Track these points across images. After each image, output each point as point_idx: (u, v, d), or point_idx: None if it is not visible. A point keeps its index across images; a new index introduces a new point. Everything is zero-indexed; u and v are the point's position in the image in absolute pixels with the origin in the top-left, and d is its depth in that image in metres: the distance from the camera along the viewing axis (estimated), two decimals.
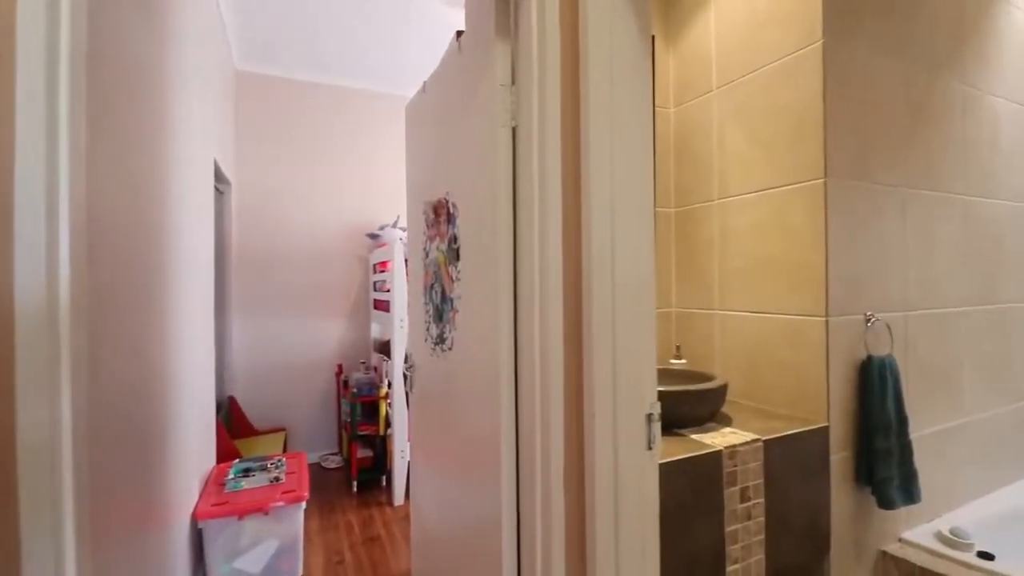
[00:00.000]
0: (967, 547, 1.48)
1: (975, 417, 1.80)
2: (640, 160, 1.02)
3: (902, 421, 1.48)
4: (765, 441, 1.30)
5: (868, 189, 1.53)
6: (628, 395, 0.99)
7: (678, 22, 1.96)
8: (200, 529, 2.04)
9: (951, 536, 1.51)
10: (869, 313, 1.52)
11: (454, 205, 1.37)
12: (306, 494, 2.20)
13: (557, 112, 1.05)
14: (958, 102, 1.76)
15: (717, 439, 1.29)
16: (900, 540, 1.57)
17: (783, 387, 1.55)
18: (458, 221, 1.34)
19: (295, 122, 3.61)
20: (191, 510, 2.04)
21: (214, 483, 2.29)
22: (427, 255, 1.57)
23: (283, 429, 3.45)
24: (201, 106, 2.28)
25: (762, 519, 1.29)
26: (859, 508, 1.50)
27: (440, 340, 1.46)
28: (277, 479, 2.32)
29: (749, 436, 1.30)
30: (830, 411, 1.44)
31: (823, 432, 1.42)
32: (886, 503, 1.43)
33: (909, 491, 1.47)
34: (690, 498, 1.18)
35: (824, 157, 1.44)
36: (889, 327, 1.55)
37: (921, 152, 1.65)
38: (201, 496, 2.19)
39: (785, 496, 1.33)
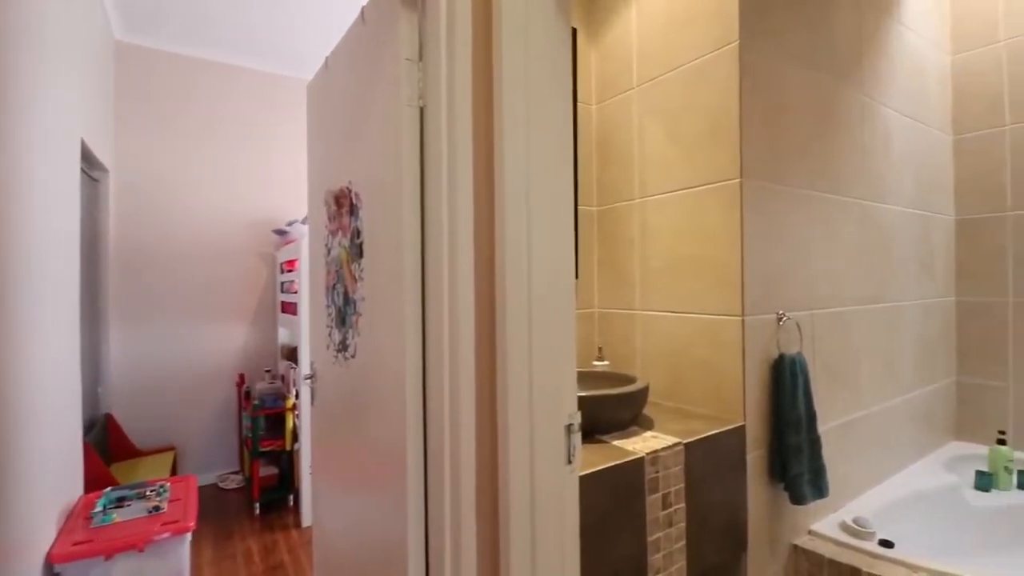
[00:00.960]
0: (869, 536, 1.54)
1: (872, 410, 1.91)
2: (558, 147, 0.94)
3: (811, 417, 1.51)
4: (686, 444, 1.27)
5: (779, 191, 1.56)
6: (546, 405, 0.90)
7: (601, 17, 1.92)
8: (57, 574, 1.71)
9: (854, 526, 1.57)
10: (781, 312, 1.54)
11: (357, 195, 1.22)
12: (192, 524, 1.92)
13: (468, 91, 0.94)
14: (856, 111, 1.86)
15: (639, 444, 1.23)
16: (810, 532, 1.62)
17: (702, 386, 1.54)
18: (361, 213, 1.20)
19: (187, 103, 3.22)
20: (45, 551, 1.71)
21: (79, 517, 1.95)
22: (329, 252, 1.40)
23: (172, 448, 3.06)
24: (65, 78, 1.94)
25: (683, 524, 1.25)
26: (773, 504, 1.52)
27: (343, 347, 1.30)
28: (157, 508, 2.01)
29: (670, 440, 1.26)
30: (746, 410, 1.44)
31: (740, 431, 1.42)
32: (798, 499, 1.45)
33: (819, 486, 1.51)
34: (611, 510, 1.11)
35: (740, 157, 1.44)
36: (799, 325, 1.59)
37: (825, 157, 1.72)
38: (60, 534, 1.85)
39: (705, 499, 1.31)
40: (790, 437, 1.46)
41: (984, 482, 2.04)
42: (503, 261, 0.87)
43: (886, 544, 1.51)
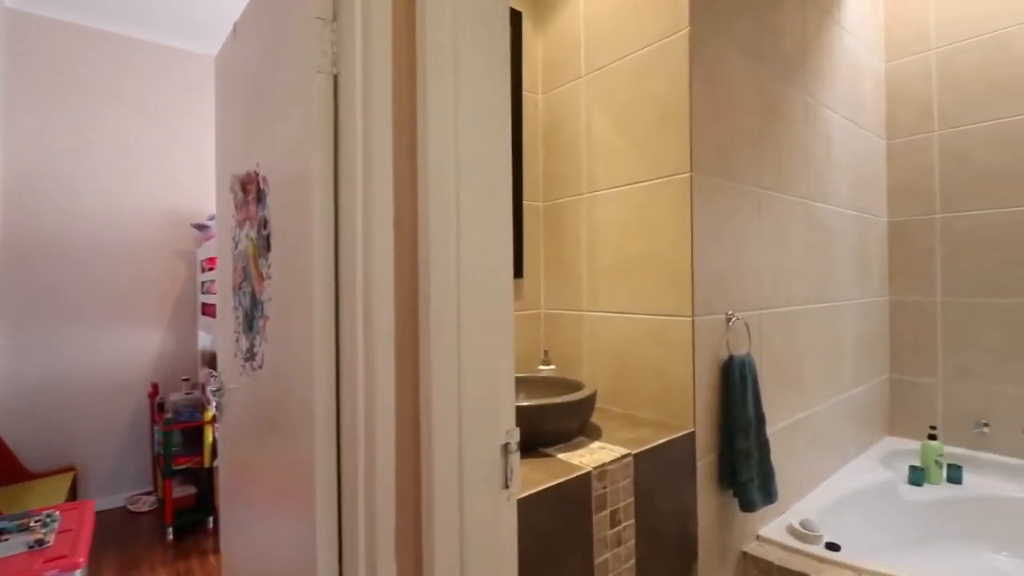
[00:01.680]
0: (816, 539, 1.51)
1: (815, 409, 1.91)
2: (494, 128, 0.81)
3: (760, 420, 1.47)
4: (635, 455, 1.18)
5: (729, 187, 1.50)
6: (478, 422, 0.77)
7: (548, 2, 1.82)
8: None
9: (802, 529, 1.54)
10: (730, 312, 1.49)
11: (264, 179, 1.05)
12: (82, 559, 1.67)
13: (388, 57, 0.80)
14: (800, 110, 1.85)
15: (586, 457, 1.13)
16: (758, 538, 1.58)
17: (651, 391, 1.47)
18: (269, 200, 1.03)
19: (85, 80, 2.87)
20: None
21: None
22: (236, 245, 1.22)
23: (71, 469, 2.72)
24: None
25: (632, 542, 1.16)
26: (722, 511, 1.46)
27: (250, 355, 1.12)
28: (41, 542, 1.74)
29: (619, 451, 1.17)
30: (696, 414, 1.37)
31: (690, 438, 1.35)
32: (748, 506, 1.40)
33: (768, 491, 1.46)
34: (555, 533, 1.00)
35: (690, 150, 1.37)
36: (747, 326, 1.54)
37: (772, 154, 1.69)
38: None
39: (655, 513, 1.23)
40: (740, 442, 1.40)
41: (917, 477, 2.09)
42: (427, 257, 0.74)
43: (832, 547, 1.49)
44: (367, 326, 0.78)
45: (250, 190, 1.11)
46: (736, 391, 1.41)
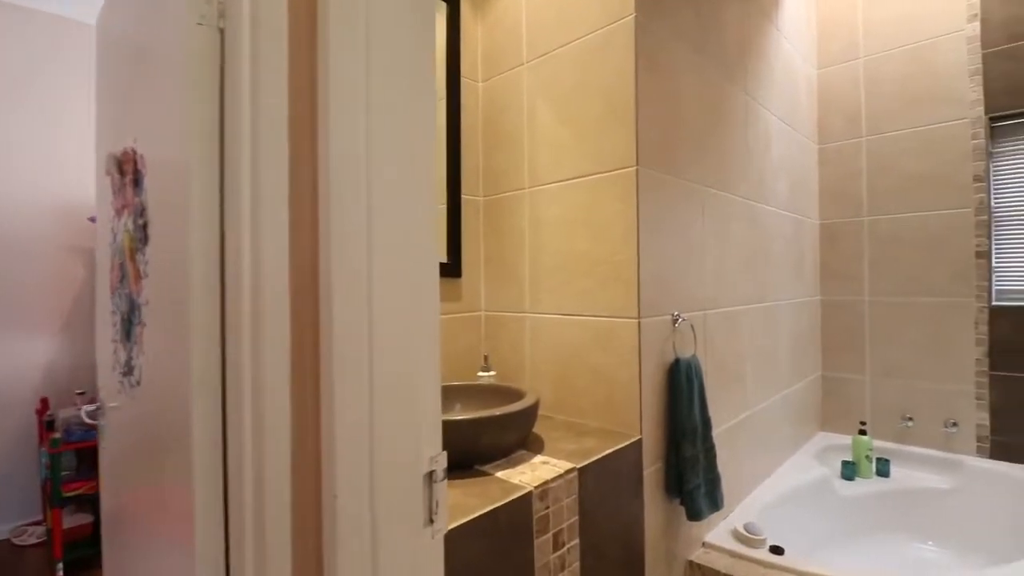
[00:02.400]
0: (760, 543, 1.49)
1: (756, 409, 1.91)
2: (416, 92, 0.69)
3: (706, 424, 1.42)
4: (580, 469, 1.09)
5: (675, 183, 1.45)
6: (395, 448, 0.65)
7: None
8: None
9: (746, 533, 1.51)
10: (676, 313, 1.44)
11: (142, 158, 0.88)
12: None
13: (284, 8, 0.67)
14: (742, 110, 1.84)
15: (527, 475, 1.03)
16: (704, 544, 1.54)
17: (596, 397, 1.39)
18: (146, 183, 0.86)
19: None
20: None
21: None
22: (114, 237, 1.02)
23: None
24: None
25: (577, 565, 1.07)
26: (669, 521, 1.41)
27: (128, 370, 0.94)
28: None
29: (563, 466, 1.07)
30: (643, 421, 1.31)
31: (637, 446, 1.28)
32: (695, 515, 1.35)
33: (714, 497, 1.42)
34: (492, 565, 0.89)
35: (636, 143, 1.30)
36: (693, 327, 1.50)
37: (715, 152, 1.66)
38: None
39: (601, 530, 1.14)
40: (687, 448, 1.35)
41: (849, 471, 2.15)
42: (330, 250, 0.61)
43: (776, 550, 1.47)
44: (257, 335, 0.63)
45: (127, 171, 0.93)
46: (683, 395, 1.36)
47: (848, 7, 2.45)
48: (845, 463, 2.16)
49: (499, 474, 1.04)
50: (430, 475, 0.68)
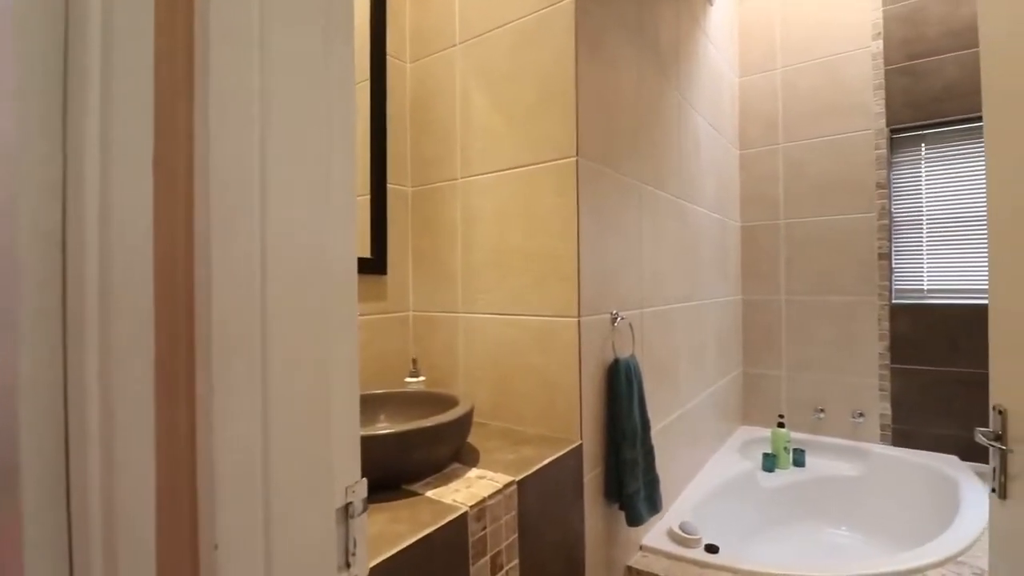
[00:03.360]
0: (696, 543, 1.48)
1: (687, 407, 1.92)
2: (325, 39, 0.57)
3: (646, 426, 1.39)
4: (520, 482, 1.00)
5: (614, 177, 1.41)
6: (298, 479, 0.52)
7: None
8: None
9: (681, 533, 1.49)
10: (615, 311, 1.39)
11: None
12: None
13: None
14: (676, 109, 1.84)
15: (461, 492, 0.92)
16: (642, 548, 1.51)
17: (535, 401, 1.31)
18: None
19: None
20: None
21: None
22: None
23: None
24: None
25: None
26: (608, 527, 1.35)
27: None
28: None
29: (501, 480, 0.98)
30: (583, 424, 1.24)
31: (577, 452, 1.21)
32: (635, 520, 1.31)
33: (653, 500, 1.38)
34: None
35: (576, 133, 1.24)
36: (631, 326, 1.46)
37: (650, 148, 1.65)
38: None
39: (541, 546, 1.06)
40: (627, 451, 1.30)
41: (769, 464, 2.23)
42: (208, 232, 0.47)
43: (711, 549, 1.46)
44: (107, 336, 0.48)
45: None
46: (623, 397, 1.31)
47: (767, 19, 2.56)
48: (766, 455, 2.24)
49: (430, 493, 0.92)
50: (346, 509, 0.56)
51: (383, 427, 1.13)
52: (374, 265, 1.42)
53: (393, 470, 0.92)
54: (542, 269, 1.29)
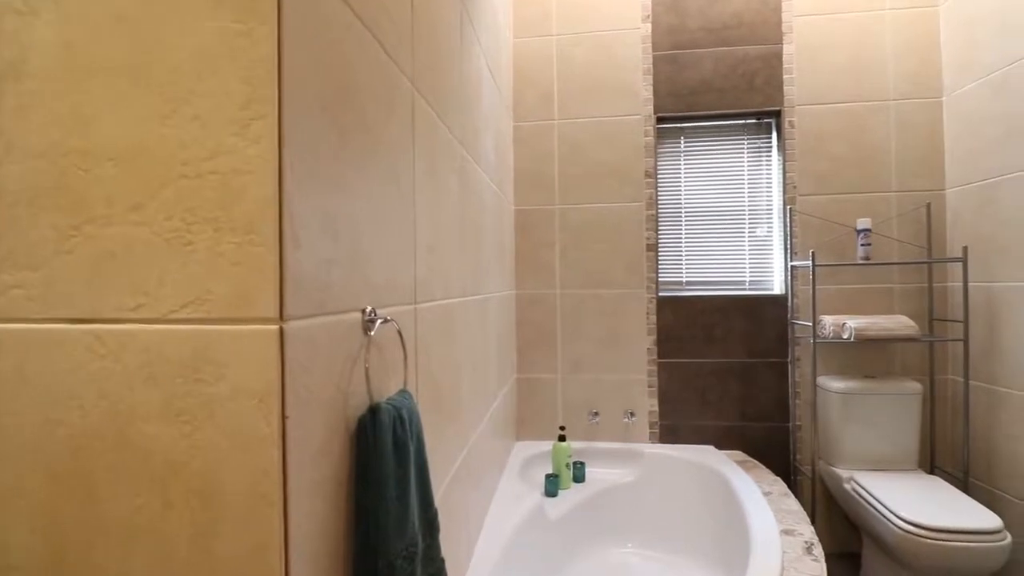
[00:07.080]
0: None
1: (472, 440, 1.38)
2: None
3: (426, 502, 0.77)
4: None
5: (368, 43, 0.75)
6: None
7: None
8: None
9: None
10: (369, 308, 0.73)
11: None
12: None
13: None
14: (458, 21, 1.28)
15: None
16: None
17: (148, 538, 0.54)
18: None
19: None
20: None
21: None
22: None
23: None
24: None
25: None
26: None
27: None
28: None
29: None
30: (289, 569, 0.55)
31: None
32: None
33: None
34: None
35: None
36: (401, 333, 0.82)
37: (429, 42, 1.04)
38: None
39: None
40: (393, 555, 0.66)
41: (552, 487, 1.88)
42: None
43: None
44: None
45: None
46: (389, 481, 0.66)
47: None
48: (548, 477, 1.89)
49: None
50: None
51: None
52: None
53: None
54: (181, 210, 0.54)
